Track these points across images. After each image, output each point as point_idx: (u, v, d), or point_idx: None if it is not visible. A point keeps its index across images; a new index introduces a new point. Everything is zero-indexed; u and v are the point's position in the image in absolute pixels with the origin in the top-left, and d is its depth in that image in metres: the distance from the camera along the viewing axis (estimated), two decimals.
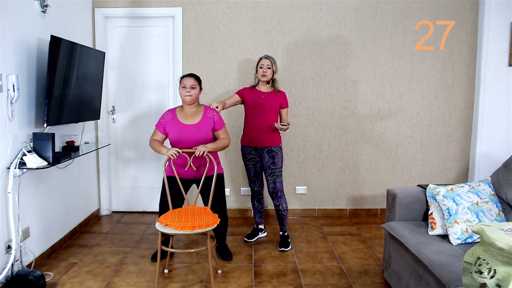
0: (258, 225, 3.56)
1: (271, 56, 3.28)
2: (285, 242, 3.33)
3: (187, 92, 2.91)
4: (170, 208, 2.83)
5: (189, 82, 2.92)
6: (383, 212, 4.14)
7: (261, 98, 3.24)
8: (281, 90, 3.34)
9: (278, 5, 3.90)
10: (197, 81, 2.96)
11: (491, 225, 1.40)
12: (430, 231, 2.38)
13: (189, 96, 2.91)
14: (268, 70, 3.20)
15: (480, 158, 3.93)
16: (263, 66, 3.21)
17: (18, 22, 2.70)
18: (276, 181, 3.28)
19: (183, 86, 2.92)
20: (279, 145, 3.29)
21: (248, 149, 3.31)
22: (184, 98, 2.93)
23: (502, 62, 3.81)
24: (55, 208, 3.25)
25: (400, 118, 4.06)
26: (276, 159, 3.25)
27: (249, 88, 3.33)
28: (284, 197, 3.34)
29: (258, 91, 3.28)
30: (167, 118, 2.98)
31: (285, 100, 3.30)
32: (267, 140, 3.24)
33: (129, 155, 4.17)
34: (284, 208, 3.33)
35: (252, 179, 3.40)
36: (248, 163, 3.35)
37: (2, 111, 2.54)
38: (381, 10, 3.92)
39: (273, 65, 3.22)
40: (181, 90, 2.93)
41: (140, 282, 2.74)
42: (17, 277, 2.55)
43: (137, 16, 3.96)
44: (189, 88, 2.91)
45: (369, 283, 2.74)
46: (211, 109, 3.03)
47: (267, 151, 3.25)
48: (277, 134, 3.29)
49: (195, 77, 2.97)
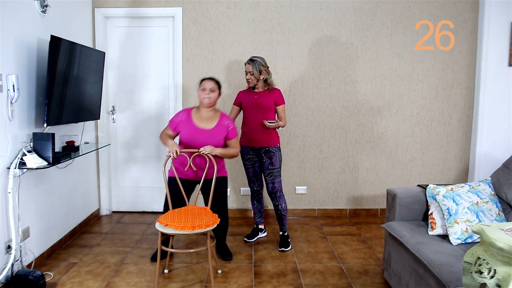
0: (258, 225, 3.56)
1: (256, 58, 3.19)
2: (285, 242, 3.34)
3: (206, 94, 2.90)
4: (170, 208, 2.83)
5: (209, 85, 2.91)
6: (383, 212, 4.14)
7: (254, 98, 3.24)
8: (275, 88, 3.29)
9: (278, 5, 3.90)
10: (217, 85, 2.96)
11: (491, 225, 1.40)
12: (430, 231, 2.38)
13: (207, 98, 2.90)
14: (251, 77, 3.18)
15: (480, 158, 3.93)
16: (246, 73, 3.22)
17: (18, 22, 2.70)
18: (274, 181, 3.28)
19: (203, 89, 2.91)
20: (276, 145, 3.28)
21: (246, 149, 3.32)
22: (202, 100, 2.92)
23: (502, 62, 3.81)
24: (55, 208, 3.25)
25: (400, 118, 4.06)
26: (273, 159, 3.25)
27: (244, 91, 3.36)
28: (283, 197, 3.34)
29: (252, 92, 3.28)
30: (181, 118, 2.97)
31: (280, 97, 3.26)
32: (264, 140, 3.24)
33: (129, 155, 4.17)
34: (283, 208, 3.33)
35: (251, 179, 3.40)
36: (247, 163, 3.36)
37: (2, 111, 2.54)
38: (381, 10, 3.92)
39: (255, 69, 3.14)
40: (200, 92, 2.92)
41: (140, 282, 2.74)
42: (17, 277, 2.55)
43: (137, 16, 3.96)
44: (209, 91, 2.90)
45: (369, 283, 2.74)
46: (227, 117, 3.03)
47: (264, 152, 3.25)
48: (274, 134, 3.28)
49: (215, 81, 2.97)
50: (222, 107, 3.99)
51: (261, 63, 3.18)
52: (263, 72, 3.19)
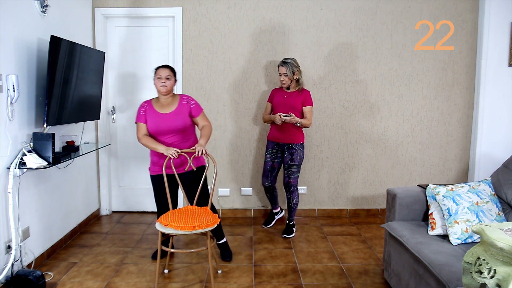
0: (273, 210, 3.81)
1: (289, 60, 3.38)
2: (289, 230, 3.57)
3: (163, 82, 2.91)
4: (170, 208, 2.83)
5: (164, 73, 2.92)
6: (383, 212, 4.14)
7: (283, 98, 3.47)
8: (305, 89, 3.51)
9: (278, 5, 3.90)
10: (172, 72, 2.97)
11: (491, 225, 1.40)
12: (430, 231, 2.38)
13: (164, 86, 2.91)
14: (285, 78, 3.40)
15: (480, 158, 3.93)
16: (280, 74, 3.42)
17: (18, 22, 2.70)
18: (291, 176, 3.48)
19: (159, 77, 2.92)
20: (300, 143, 3.47)
21: (271, 144, 3.57)
22: (159, 88, 2.93)
23: (502, 62, 3.81)
24: (55, 208, 3.25)
25: (400, 118, 4.06)
26: (294, 156, 3.45)
27: (278, 89, 3.60)
28: (296, 192, 3.54)
29: (283, 91, 3.52)
30: (144, 109, 2.97)
31: (308, 98, 3.46)
32: (288, 137, 3.45)
33: (129, 155, 4.17)
34: (295, 202, 3.54)
35: (266, 173, 3.60)
36: (268, 156, 3.58)
37: (2, 111, 2.54)
38: (381, 10, 3.92)
39: (289, 71, 3.35)
40: (156, 81, 2.93)
41: (140, 282, 2.74)
42: (17, 277, 2.55)
43: (137, 16, 3.96)
44: (164, 79, 2.91)
45: (369, 283, 2.74)
46: (187, 97, 3.05)
47: (287, 148, 3.47)
48: (298, 132, 3.48)
49: (170, 68, 2.98)
50: (222, 107, 4.00)
51: (293, 64, 3.38)
52: (296, 72, 3.39)
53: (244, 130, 4.04)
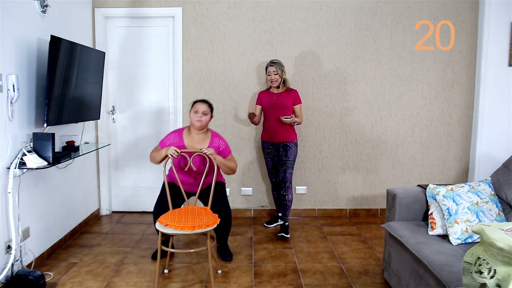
0: (278, 212, 3.80)
1: (276, 61, 3.54)
2: (285, 229, 3.56)
3: (199, 117, 2.87)
4: (170, 208, 2.83)
5: (202, 108, 2.89)
6: (383, 212, 4.14)
7: (274, 99, 3.56)
8: (292, 88, 3.63)
9: (278, 5, 3.90)
10: (210, 108, 2.95)
11: (491, 225, 1.40)
12: (430, 231, 2.38)
13: (199, 122, 2.88)
14: (275, 76, 3.50)
15: (480, 158, 3.93)
16: (270, 74, 3.51)
17: (18, 22, 2.70)
18: (286, 171, 3.52)
19: (195, 111, 2.88)
20: (293, 141, 3.58)
21: (266, 144, 3.67)
22: (194, 123, 2.90)
23: (502, 62, 3.81)
24: (55, 208, 3.25)
25: (400, 118, 4.06)
26: (289, 152, 3.54)
27: (264, 91, 3.69)
28: (291, 189, 3.57)
29: (271, 93, 3.61)
30: (172, 140, 2.95)
31: (297, 97, 3.59)
32: (282, 136, 3.55)
33: (129, 155, 4.17)
34: (289, 199, 3.55)
35: (270, 171, 3.73)
36: (267, 156, 3.70)
37: (2, 111, 2.54)
38: (381, 10, 3.92)
39: (279, 69, 3.49)
40: (192, 114, 2.89)
41: (140, 282, 2.74)
42: (17, 277, 2.55)
43: (137, 16, 3.96)
44: (201, 114, 2.88)
45: (369, 283, 2.74)
46: (218, 136, 3.02)
47: (282, 146, 3.57)
48: (291, 131, 3.58)
49: (208, 104, 2.96)
50: (222, 107, 4.00)
51: (281, 64, 3.53)
52: (284, 71, 3.55)
53: (244, 130, 4.04)
